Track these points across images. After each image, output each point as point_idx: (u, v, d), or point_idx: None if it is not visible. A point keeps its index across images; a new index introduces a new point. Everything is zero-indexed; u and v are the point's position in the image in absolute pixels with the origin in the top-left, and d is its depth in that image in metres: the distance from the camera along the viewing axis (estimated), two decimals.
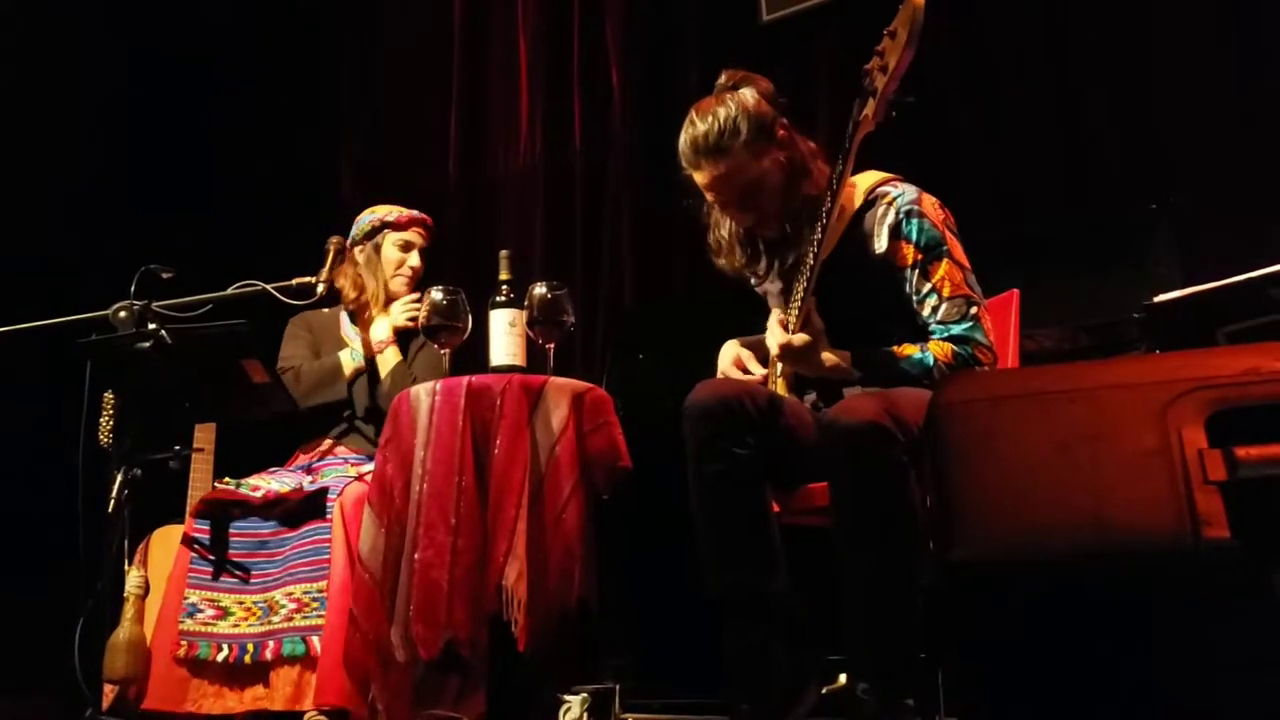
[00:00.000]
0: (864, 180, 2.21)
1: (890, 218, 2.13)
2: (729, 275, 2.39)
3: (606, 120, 4.06)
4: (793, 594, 2.03)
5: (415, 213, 3.10)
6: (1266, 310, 1.87)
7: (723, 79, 2.23)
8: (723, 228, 2.32)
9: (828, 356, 2.08)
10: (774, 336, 2.11)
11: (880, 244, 2.13)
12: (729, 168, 2.14)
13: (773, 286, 2.32)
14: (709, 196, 2.23)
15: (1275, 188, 2.74)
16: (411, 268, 3.04)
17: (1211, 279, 2.02)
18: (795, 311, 2.10)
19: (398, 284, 3.03)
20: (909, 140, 2.32)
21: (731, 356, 2.32)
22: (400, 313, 3.00)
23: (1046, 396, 1.15)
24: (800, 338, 2.06)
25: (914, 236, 2.11)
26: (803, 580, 2.06)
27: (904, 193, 2.15)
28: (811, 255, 2.07)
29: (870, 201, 2.18)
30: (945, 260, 2.11)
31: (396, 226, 3.04)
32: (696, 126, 2.15)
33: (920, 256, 2.11)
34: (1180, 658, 1.09)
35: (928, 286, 2.11)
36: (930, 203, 2.16)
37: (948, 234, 2.14)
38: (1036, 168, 3.20)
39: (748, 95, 2.17)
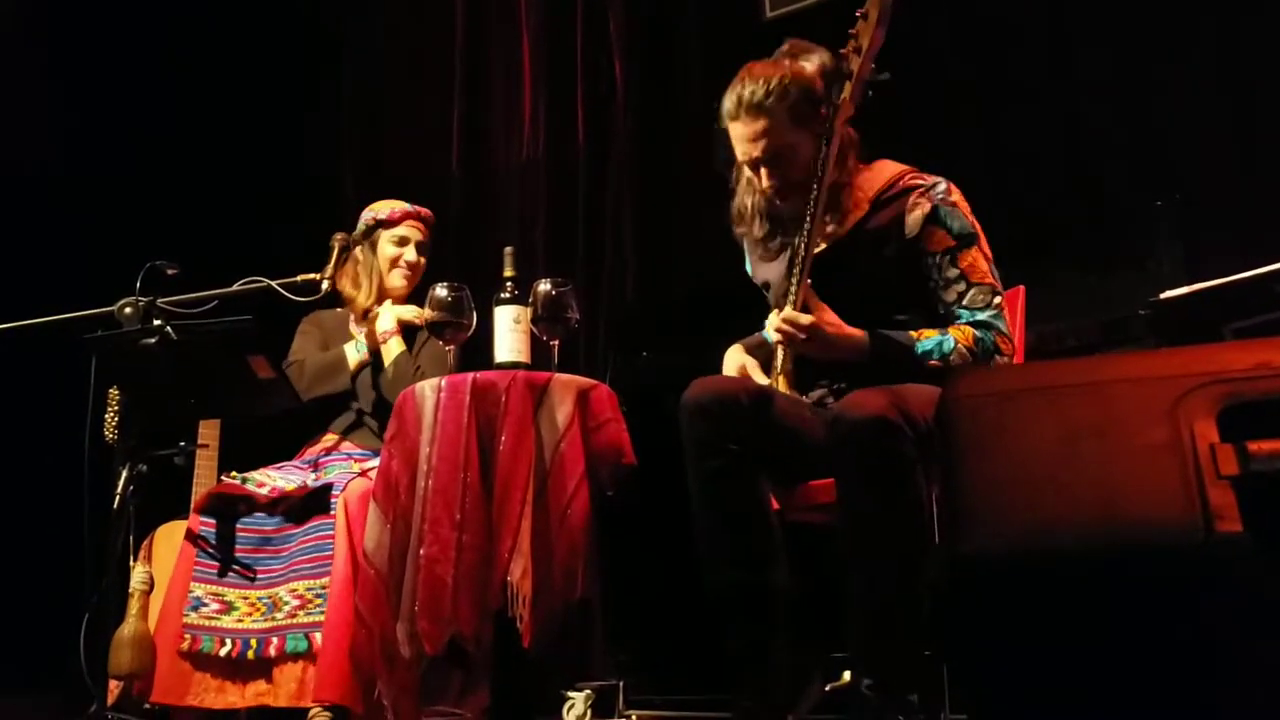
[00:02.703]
0: (883, 169, 2.23)
1: (925, 205, 2.15)
2: (738, 242, 2.39)
3: (609, 116, 4.05)
4: (795, 590, 2.04)
5: (410, 207, 3.07)
6: (1273, 306, 1.87)
7: (785, 47, 2.25)
8: (748, 196, 2.32)
9: (839, 333, 2.08)
10: (795, 318, 2.08)
11: (910, 230, 2.15)
12: (767, 126, 2.15)
13: (779, 265, 2.30)
14: (739, 153, 2.22)
15: (1278, 184, 2.74)
16: (408, 262, 3.03)
17: (1216, 275, 2.03)
18: (792, 296, 2.10)
19: (395, 278, 3.02)
20: (911, 139, 2.34)
21: (735, 366, 2.32)
22: (407, 309, 3.00)
23: (1057, 391, 1.15)
24: (807, 317, 2.06)
25: (950, 224, 2.14)
26: (805, 577, 2.06)
27: (937, 183, 2.18)
28: (802, 244, 2.09)
29: (892, 190, 2.19)
30: (975, 248, 2.15)
31: (389, 223, 3.03)
32: (745, 85, 2.17)
33: (954, 243, 2.14)
34: (1191, 652, 1.09)
35: (955, 272, 2.13)
36: (958, 192, 2.19)
37: (976, 225, 2.17)
38: (1040, 165, 3.20)
39: (806, 65, 2.18)
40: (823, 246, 2.19)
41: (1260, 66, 2.85)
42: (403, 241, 3.03)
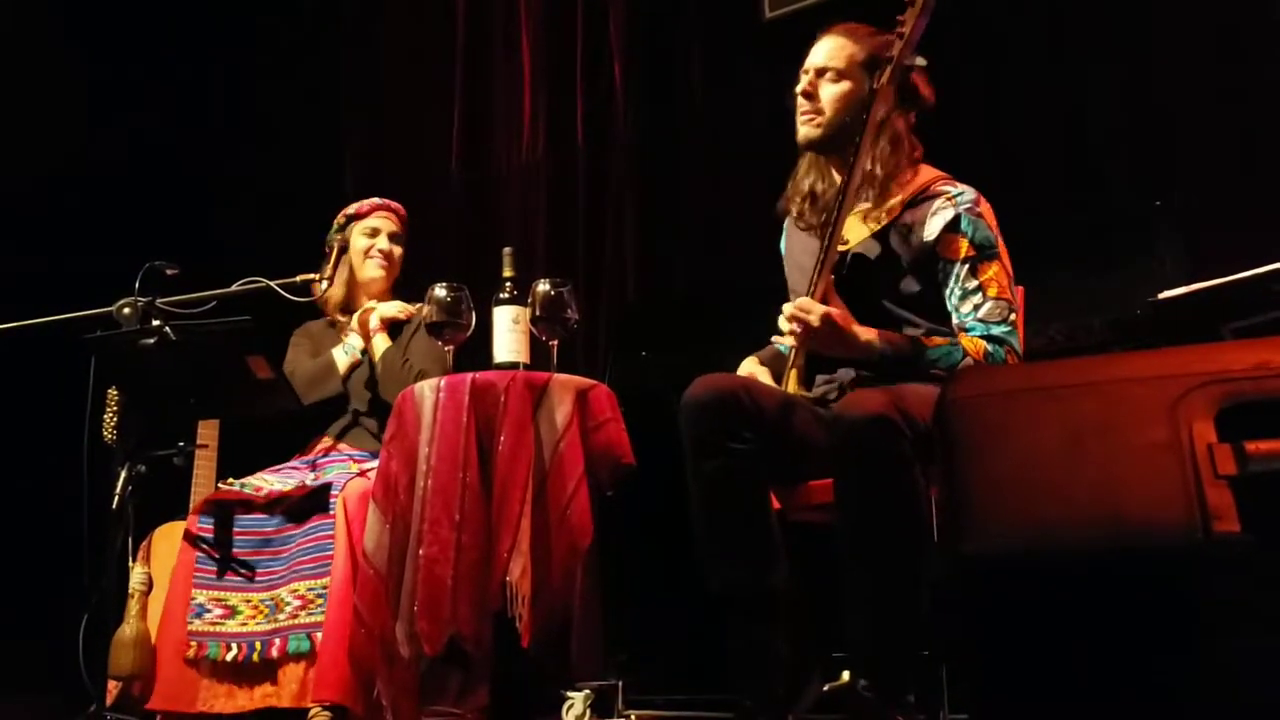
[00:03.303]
0: (923, 173, 2.24)
1: (948, 212, 2.15)
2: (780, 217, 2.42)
3: (609, 117, 4.05)
4: (795, 590, 2.03)
5: (379, 200, 3.09)
6: (1272, 306, 1.87)
7: None
8: (806, 180, 2.33)
9: (849, 330, 2.08)
10: (808, 305, 2.09)
11: (929, 233, 2.16)
12: (836, 45, 2.25)
13: (811, 248, 2.28)
14: (804, 66, 2.29)
15: (1278, 183, 2.74)
16: (380, 251, 3.03)
17: (1216, 276, 2.03)
18: (811, 289, 2.11)
19: (370, 269, 3.03)
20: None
21: (746, 374, 2.31)
22: (391, 305, 3.00)
23: (1057, 390, 1.15)
24: (821, 307, 2.06)
25: (970, 233, 2.14)
26: (805, 577, 2.06)
27: (965, 191, 2.19)
28: (827, 236, 2.10)
29: (924, 195, 2.20)
30: (996, 262, 2.15)
31: (359, 216, 3.05)
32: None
33: (973, 253, 2.14)
34: (1191, 651, 1.09)
35: (975, 283, 2.14)
36: (987, 206, 2.20)
37: (1000, 238, 2.18)
38: (1039, 165, 3.19)
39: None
40: (851, 244, 2.20)
41: (1261, 66, 2.85)
42: (374, 232, 3.05)
